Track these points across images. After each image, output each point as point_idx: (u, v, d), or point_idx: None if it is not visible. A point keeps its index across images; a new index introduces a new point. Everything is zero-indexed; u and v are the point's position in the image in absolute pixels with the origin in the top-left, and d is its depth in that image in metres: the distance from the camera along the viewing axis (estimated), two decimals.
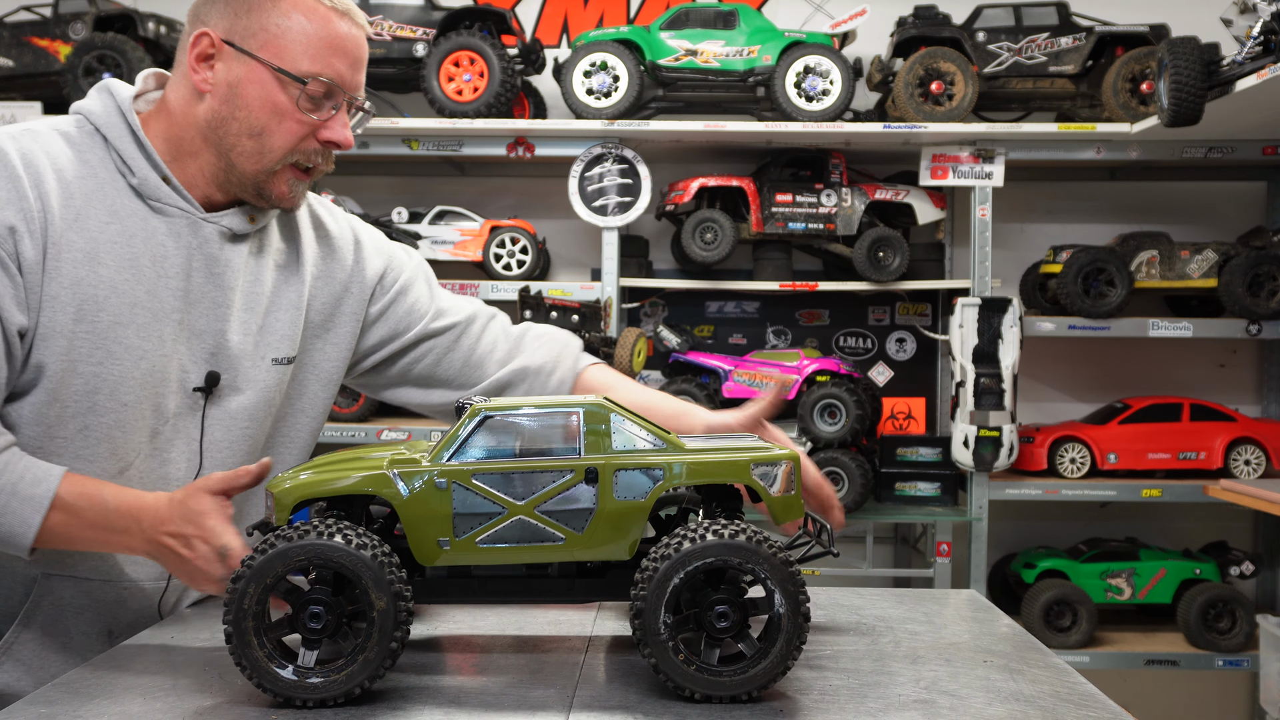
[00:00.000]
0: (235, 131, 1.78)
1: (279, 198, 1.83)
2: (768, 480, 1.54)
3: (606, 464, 1.52)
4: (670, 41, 4.29)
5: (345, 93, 1.80)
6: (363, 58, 1.83)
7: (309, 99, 1.77)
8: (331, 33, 1.77)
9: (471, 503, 1.51)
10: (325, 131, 1.81)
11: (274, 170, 1.80)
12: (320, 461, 1.63)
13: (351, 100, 1.83)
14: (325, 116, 1.80)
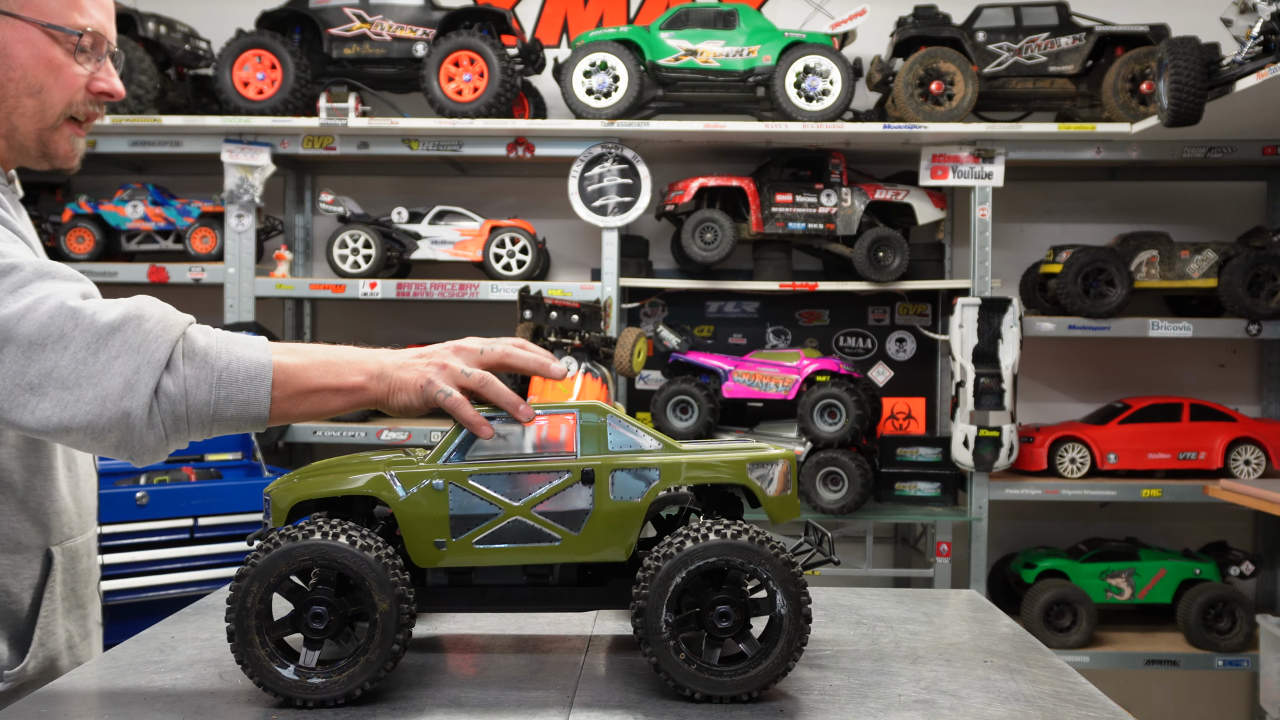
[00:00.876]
0: (14, 93, 1.76)
1: (64, 156, 1.83)
2: (764, 481, 1.54)
3: (603, 465, 1.52)
4: (670, 41, 4.29)
5: (108, 42, 1.81)
6: (112, 8, 1.84)
7: (81, 51, 1.77)
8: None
9: (468, 504, 1.51)
10: (98, 82, 1.81)
11: (56, 127, 1.80)
12: (318, 465, 1.63)
13: (111, 50, 1.83)
14: (89, 64, 1.79)
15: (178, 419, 1.50)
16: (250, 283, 4.34)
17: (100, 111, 1.85)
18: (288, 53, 4.26)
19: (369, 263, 4.31)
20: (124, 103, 4.24)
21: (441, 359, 1.59)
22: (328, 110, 4.25)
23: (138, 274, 4.36)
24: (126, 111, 4.25)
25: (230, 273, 4.33)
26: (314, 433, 4.33)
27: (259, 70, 4.27)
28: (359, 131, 4.30)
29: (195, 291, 4.59)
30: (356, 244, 4.33)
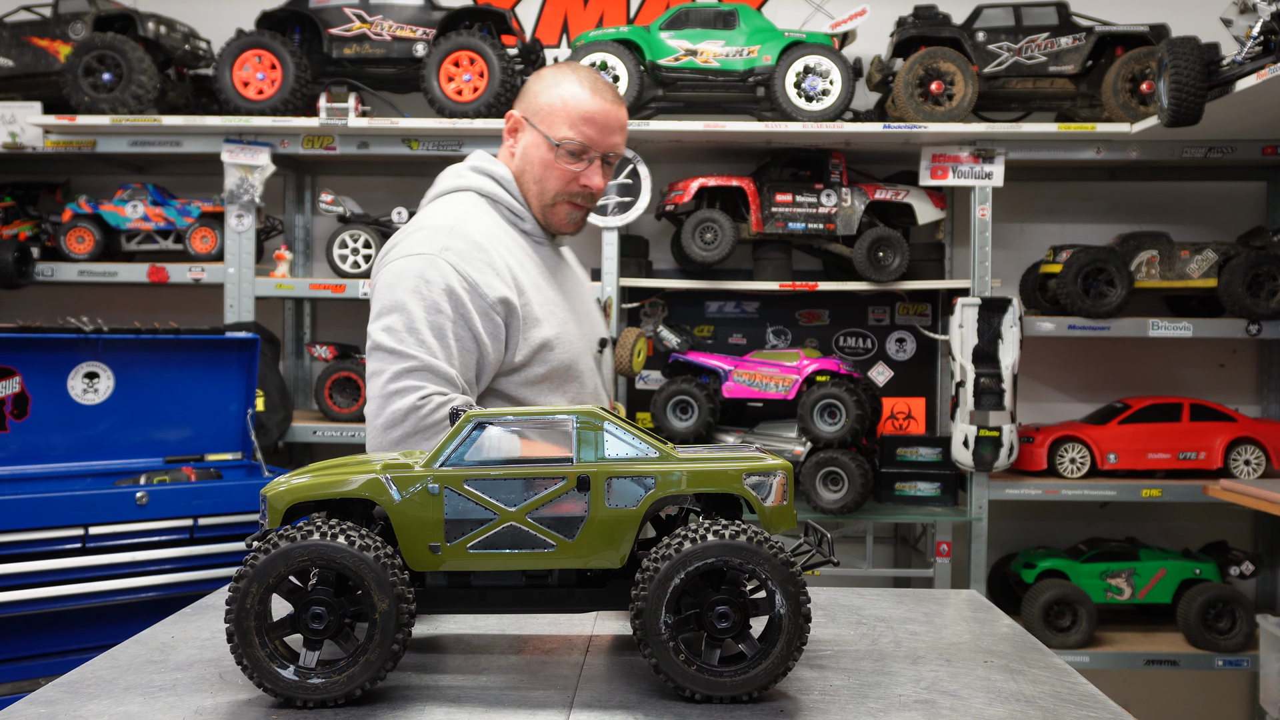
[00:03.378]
0: (528, 179, 2.55)
1: (559, 225, 2.56)
2: (761, 490, 1.54)
3: (599, 471, 1.51)
4: (670, 41, 4.28)
5: (592, 150, 2.48)
6: (612, 125, 2.49)
7: (564, 153, 2.47)
8: (582, 107, 2.47)
9: (463, 508, 1.51)
10: (582, 179, 2.49)
11: (553, 205, 2.52)
12: (316, 466, 1.63)
13: (604, 156, 2.50)
14: (581, 168, 2.48)
15: None
16: (250, 283, 4.34)
17: (591, 203, 2.53)
18: (288, 53, 4.26)
19: (369, 263, 4.31)
20: (123, 102, 4.24)
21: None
22: (328, 110, 4.25)
23: (138, 274, 4.35)
24: (126, 111, 4.25)
25: (230, 273, 4.33)
26: (314, 433, 4.33)
27: (259, 70, 4.27)
28: (359, 131, 4.30)
29: (195, 291, 4.59)
30: (356, 244, 4.33)
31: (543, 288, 2.51)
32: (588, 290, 2.75)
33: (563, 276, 2.62)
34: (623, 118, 2.53)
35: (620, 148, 2.54)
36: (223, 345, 3.70)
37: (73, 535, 3.13)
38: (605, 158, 2.52)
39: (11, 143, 4.36)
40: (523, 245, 2.55)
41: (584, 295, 2.70)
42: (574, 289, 2.65)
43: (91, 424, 3.52)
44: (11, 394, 3.39)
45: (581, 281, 2.74)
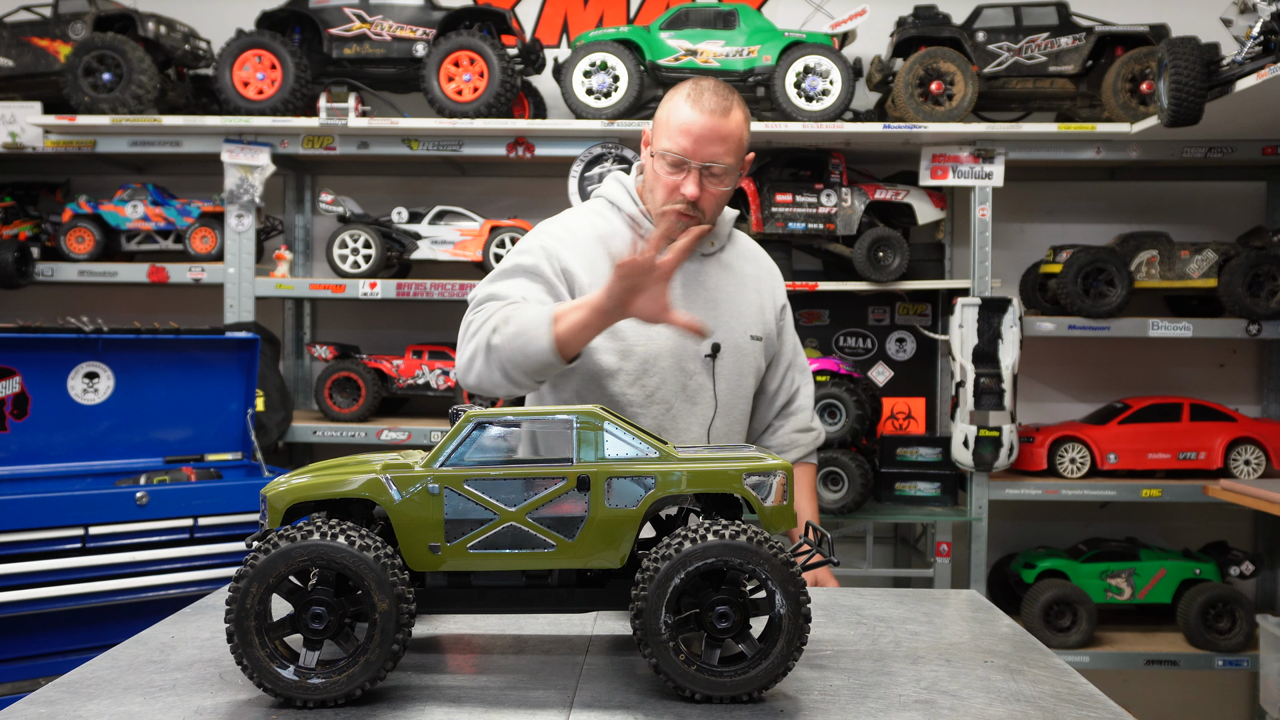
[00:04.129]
0: (646, 188, 2.66)
1: (665, 232, 2.47)
2: (761, 491, 1.54)
3: (599, 472, 1.51)
4: (670, 41, 4.29)
5: (688, 161, 2.51)
6: (708, 135, 2.50)
7: (666, 165, 2.54)
8: (679, 120, 2.51)
9: (463, 508, 1.51)
10: (681, 187, 2.53)
11: (662, 213, 2.57)
12: (315, 466, 1.63)
13: (705, 167, 2.52)
14: (679, 177, 2.53)
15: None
16: (250, 283, 4.34)
17: (693, 211, 2.55)
18: (288, 53, 4.26)
19: (369, 263, 4.32)
20: (123, 102, 4.24)
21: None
22: (328, 110, 4.25)
23: (138, 274, 4.36)
24: (126, 111, 4.25)
25: (230, 273, 4.33)
26: (314, 433, 4.33)
27: (259, 70, 4.27)
28: (359, 131, 4.30)
29: (195, 291, 4.59)
30: (356, 244, 4.33)
31: None
32: (733, 298, 2.73)
33: (691, 281, 2.65)
34: (724, 128, 2.53)
35: (722, 158, 2.53)
36: (223, 345, 3.70)
37: (73, 535, 3.13)
38: (706, 168, 2.53)
39: (11, 143, 4.36)
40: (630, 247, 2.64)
41: (716, 301, 2.68)
42: (702, 294, 2.66)
43: (91, 424, 3.53)
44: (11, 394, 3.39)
45: (723, 289, 2.71)
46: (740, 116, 2.58)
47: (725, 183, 2.58)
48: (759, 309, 2.76)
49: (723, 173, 2.56)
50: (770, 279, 2.84)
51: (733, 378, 2.67)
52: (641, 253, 2.16)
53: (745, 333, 2.72)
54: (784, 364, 2.85)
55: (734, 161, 2.57)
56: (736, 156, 2.57)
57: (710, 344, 2.62)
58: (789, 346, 2.87)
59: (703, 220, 2.59)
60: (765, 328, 2.78)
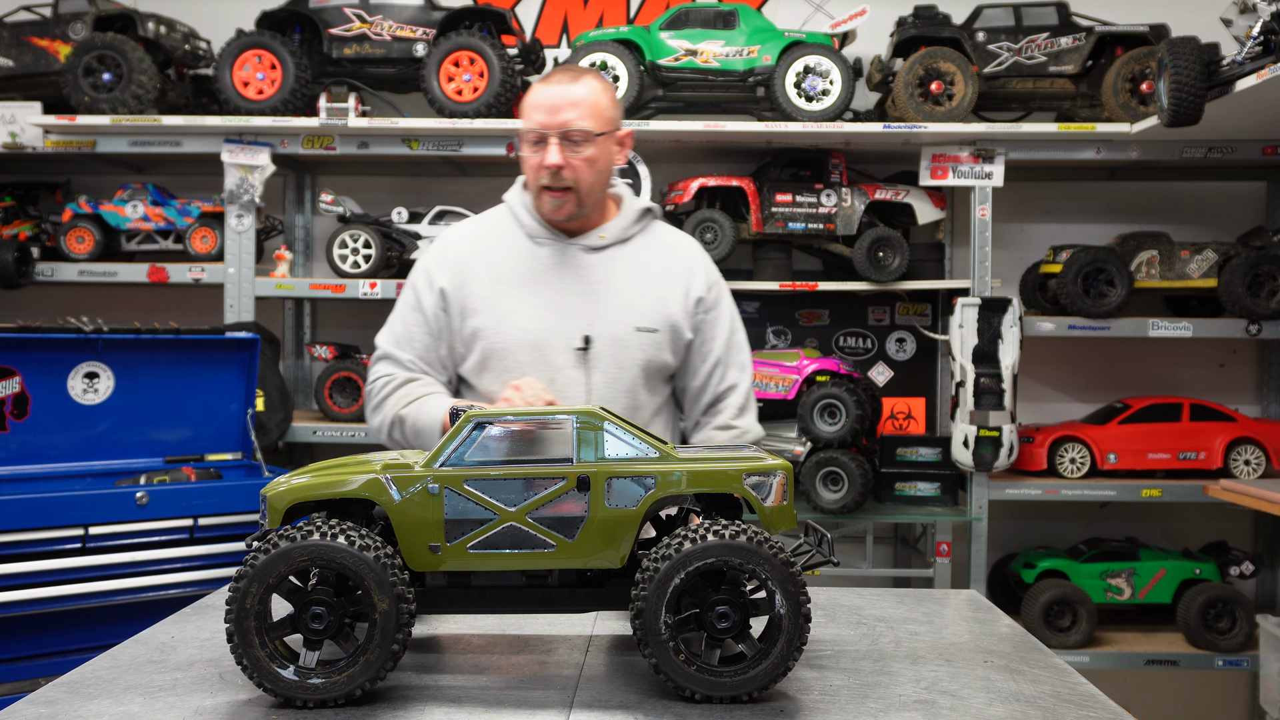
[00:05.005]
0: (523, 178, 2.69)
1: (547, 212, 2.63)
2: (761, 491, 1.53)
3: (599, 472, 1.51)
4: (670, 41, 4.28)
5: (545, 133, 2.54)
6: (559, 102, 2.53)
7: (526, 143, 2.59)
8: (531, 98, 2.58)
9: (463, 508, 1.51)
10: (544, 160, 2.55)
11: (537, 196, 2.62)
12: (315, 466, 1.63)
13: (563, 135, 2.53)
14: (541, 150, 2.56)
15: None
16: (250, 283, 4.34)
17: (561, 181, 2.56)
18: (288, 53, 4.26)
19: (369, 263, 4.31)
20: (123, 102, 4.24)
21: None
22: (328, 110, 4.25)
23: (138, 274, 4.35)
24: (126, 111, 4.25)
25: (230, 273, 4.33)
26: (314, 433, 4.33)
27: (259, 70, 4.27)
28: (359, 131, 4.30)
29: (195, 291, 4.59)
30: (356, 244, 4.33)
31: (507, 282, 2.63)
32: (620, 289, 2.67)
33: (571, 273, 2.65)
34: (573, 94, 2.54)
35: (577, 121, 2.53)
36: (223, 345, 3.70)
37: (73, 535, 3.13)
38: (565, 136, 2.53)
39: (11, 143, 4.36)
40: (515, 245, 2.69)
41: (597, 292, 2.64)
42: (580, 285, 2.64)
43: (91, 424, 3.52)
44: (11, 394, 3.39)
45: (609, 280, 2.67)
46: (595, 84, 2.59)
47: (588, 149, 2.56)
48: (658, 300, 2.68)
49: (583, 138, 2.54)
50: (686, 273, 2.74)
51: (610, 370, 2.61)
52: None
53: (629, 324, 2.64)
54: (710, 361, 2.74)
55: (593, 125, 2.55)
56: (595, 120, 2.55)
57: (582, 336, 2.58)
58: (718, 344, 2.76)
59: (578, 194, 2.58)
60: (666, 321, 2.68)
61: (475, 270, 2.66)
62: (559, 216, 2.62)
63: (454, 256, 2.70)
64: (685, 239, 2.85)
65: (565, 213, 2.61)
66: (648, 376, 2.66)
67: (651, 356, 2.66)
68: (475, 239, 2.73)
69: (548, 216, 2.64)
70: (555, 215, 2.62)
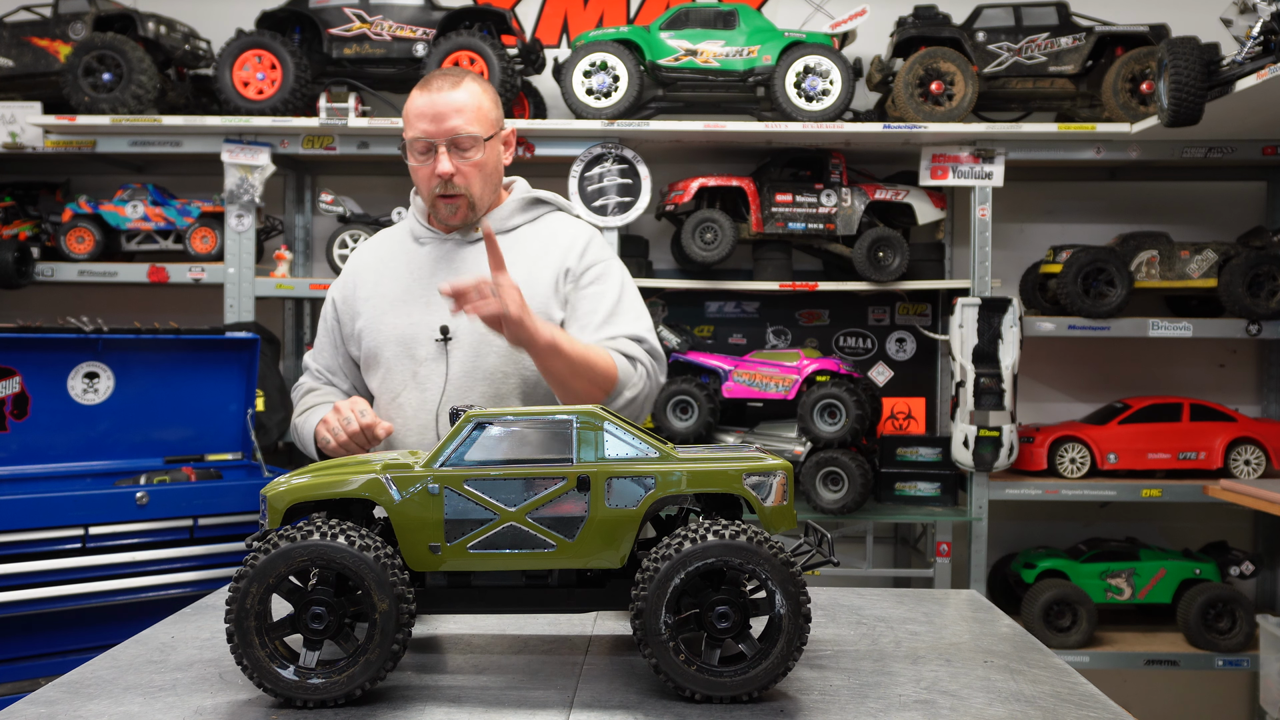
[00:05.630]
0: (415, 186, 2.69)
1: (442, 219, 2.65)
2: (761, 490, 1.53)
3: (599, 472, 1.51)
4: (670, 41, 4.28)
5: (433, 142, 2.53)
6: (444, 111, 2.52)
7: (414, 153, 2.57)
8: (413, 106, 2.55)
9: (463, 508, 1.51)
10: (435, 169, 2.54)
11: (431, 205, 2.62)
12: (315, 467, 1.63)
13: (450, 143, 2.52)
14: (430, 160, 2.55)
15: None
16: (250, 283, 4.34)
17: (455, 188, 2.56)
18: (288, 53, 4.26)
19: None
20: (123, 102, 4.24)
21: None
22: (328, 110, 4.25)
23: (138, 274, 4.35)
24: (126, 111, 4.25)
25: (230, 273, 4.33)
26: None
27: (259, 70, 4.27)
28: (359, 131, 4.30)
29: (195, 291, 4.59)
30: (356, 244, 4.33)
31: (387, 284, 2.69)
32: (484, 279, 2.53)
33: (444, 268, 2.64)
34: (455, 99, 2.53)
35: (464, 127, 2.53)
36: (223, 345, 3.70)
37: (73, 535, 3.13)
38: (453, 143, 2.53)
39: (11, 143, 4.36)
40: (401, 248, 2.75)
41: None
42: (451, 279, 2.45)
43: (91, 424, 3.52)
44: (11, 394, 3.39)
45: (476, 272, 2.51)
46: (475, 88, 2.57)
47: (477, 154, 2.56)
48: (523, 284, 2.50)
49: (471, 144, 2.54)
50: (560, 250, 2.66)
51: (468, 359, 2.58)
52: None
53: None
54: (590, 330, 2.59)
55: (479, 129, 2.55)
56: (481, 125, 2.55)
57: (439, 328, 2.59)
58: (598, 316, 2.61)
59: (470, 199, 2.59)
60: (529, 303, 2.46)
61: (364, 278, 2.74)
62: (455, 222, 2.64)
63: (350, 269, 2.80)
64: (577, 225, 2.76)
65: (460, 218, 2.63)
66: (513, 361, 2.58)
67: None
68: (373, 249, 2.81)
69: (444, 222, 2.66)
70: (451, 221, 2.64)
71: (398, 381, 2.63)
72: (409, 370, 2.61)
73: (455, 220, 2.63)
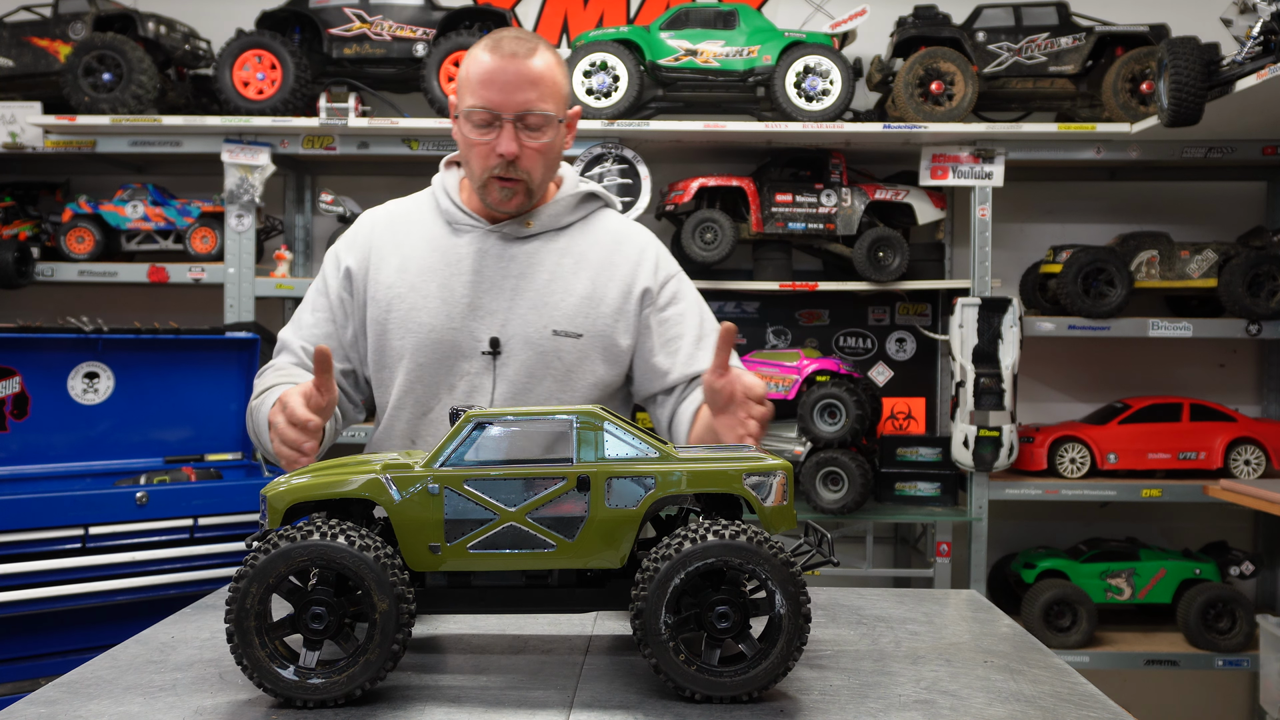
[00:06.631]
0: (463, 165, 2.40)
1: (496, 204, 2.33)
2: (760, 490, 1.53)
3: (599, 472, 1.51)
4: (670, 41, 4.29)
5: (498, 114, 2.22)
6: (513, 80, 2.21)
7: (475, 126, 2.26)
8: (480, 70, 2.24)
9: (463, 509, 1.51)
10: (497, 146, 2.25)
11: (483, 185, 2.31)
12: (315, 466, 1.63)
13: (519, 118, 2.23)
14: (492, 136, 2.25)
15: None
16: (250, 283, 4.34)
17: (519, 171, 2.27)
18: (288, 53, 4.26)
19: None
20: (123, 102, 4.24)
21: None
22: (328, 110, 4.25)
23: (138, 274, 4.35)
24: (126, 111, 4.25)
25: (230, 273, 4.33)
26: None
27: (259, 70, 4.27)
28: (359, 131, 4.30)
29: (195, 291, 4.59)
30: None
31: (414, 272, 2.35)
32: (543, 287, 2.34)
33: (489, 265, 2.35)
34: (533, 71, 2.21)
35: (536, 104, 2.22)
36: (223, 345, 3.70)
37: (73, 535, 3.13)
38: (521, 120, 2.23)
39: (11, 143, 4.36)
40: (431, 231, 2.41)
41: (516, 288, 2.33)
42: (498, 281, 2.34)
43: (91, 424, 3.53)
44: (11, 394, 3.39)
45: (531, 275, 2.35)
46: (550, 58, 2.26)
47: (545, 135, 2.26)
48: (586, 300, 2.35)
49: (542, 123, 2.24)
50: (629, 265, 2.40)
51: (520, 379, 2.31)
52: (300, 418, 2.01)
53: (545, 327, 2.32)
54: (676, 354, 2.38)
55: (553, 108, 2.25)
56: (555, 102, 2.26)
57: (489, 338, 2.30)
58: (686, 341, 2.39)
59: (529, 184, 2.30)
60: (593, 324, 2.35)
61: (384, 255, 2.39)
62: (508, 208, 2.34)
63: (364, 238, 2.44)
64: (635, 229, 2.50)
65: (516, 204, 2.33)
66: (569, 387, 2.34)
67: (573, 366, 2.34)
68: (391, 222, 2.46)
69: (494, 208, 2.35)
70: (504, 207, 2.33)
71: (428, 392, 2.34)
72: (444, 383, 2.32)
73: (509, 207, 2.32)
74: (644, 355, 2.41)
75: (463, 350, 2.32)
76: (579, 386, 2.35)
